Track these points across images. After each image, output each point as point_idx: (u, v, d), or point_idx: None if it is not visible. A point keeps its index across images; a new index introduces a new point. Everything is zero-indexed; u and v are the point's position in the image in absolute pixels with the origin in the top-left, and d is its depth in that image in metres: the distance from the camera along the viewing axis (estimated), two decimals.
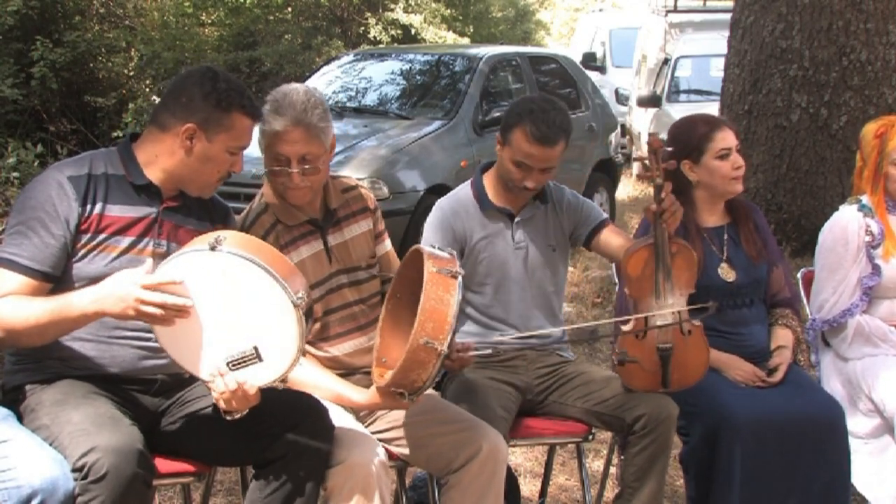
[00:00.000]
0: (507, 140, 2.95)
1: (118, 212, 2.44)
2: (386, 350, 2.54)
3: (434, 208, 3.11)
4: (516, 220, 3.07)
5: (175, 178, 2.48)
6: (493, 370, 3.01)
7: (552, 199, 3.12)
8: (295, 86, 2.67)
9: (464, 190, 3.13)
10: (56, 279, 2.37)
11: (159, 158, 2.47)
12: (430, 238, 3.02)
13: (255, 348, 2.24)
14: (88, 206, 2.41)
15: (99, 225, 2.41)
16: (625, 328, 2.85)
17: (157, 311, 2.15)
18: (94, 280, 2.29)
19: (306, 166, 2.59)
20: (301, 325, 2.20)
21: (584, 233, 3.12)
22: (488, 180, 3.11)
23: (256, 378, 2.26)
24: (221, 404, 2.28)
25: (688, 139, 3.09)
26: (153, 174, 2.48)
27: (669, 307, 2.79)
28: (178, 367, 2.32)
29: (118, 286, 2.18)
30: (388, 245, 2.93)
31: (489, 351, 3.04)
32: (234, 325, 2.22)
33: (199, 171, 2.47)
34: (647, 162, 2.83)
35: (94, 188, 2.43)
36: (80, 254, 2.39)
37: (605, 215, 3.17)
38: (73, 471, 2.14)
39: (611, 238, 3.05)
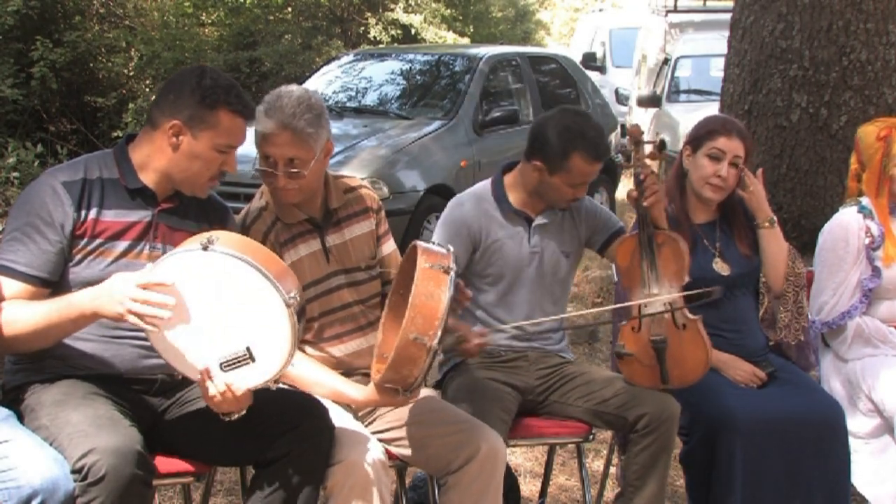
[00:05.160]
0: (562, 167, 2.91)
1: (113, 216, 2.44)
2: (387, 346, 2.54)
3: (450, 204, 3.09)
4: (534, 224, 3.06)
5: (167, 177, 2.48)
6: (493, 371, 3.01)
7: (570, 206, 3.11)
8: (292, 88, 2.66)
9: (483, 188, 3.11)
10: (53, 284, 2.37)
11: (152, 158, 2.47)
12: (443, 234, 3.00)
13: (248, 349, 2.23)
14: (83, 212, 2.41)
15: (94, 230, 2.41)
16: (622, 322, 2.87)
17: (146, 309, 2.14)
18: (91, 284, 2.30)
19: (292, 170, 2.59)
20: (293, 324, 2.20)
21: (600, 240, 3.13)
22: (510, 183, 3.08)
23: (249, 378, 2.25)
24: (213, 407, 2.28)
25: (699, 128, 3.15)
26: (147, 176, 2.48)
27: (656, 297, 2.81)
28: (172, 369, 2.31)
29: (112, 285, 2.19)
30: (391, 246, 2.92)
31: (504, 340, 3.04)
32: (226, 325, 2.22)
33: (186, 170, 2.46)
34: (629, 152, 2.88)
35: (89, 193, 2.43)
36: (76, 259, 2.40)
37: (621, 223, 3.18)
38: (72, 472, 2.14)
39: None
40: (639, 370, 2.87)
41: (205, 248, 2.17)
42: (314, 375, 2.63)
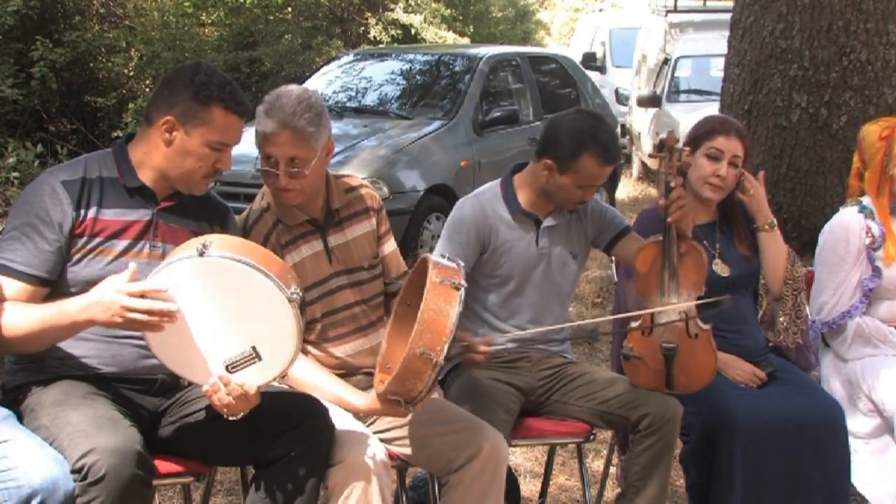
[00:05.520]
0: (571, 168, 2.90)
1: (112, 215, 2.44)
2: (391, 356, 2.53)
3: (459, 205, 3.08)
4: (543, 226, 3.06)
5: (163, 175, 2.48)
6: (496, 371, 3.01)
7: (577, 207, 3.11)
8: (291, 88, 2.65)
9: (492, 190, 3.10)
10: (52, 283, 2.37)
11: (148, 156, 2.47)
12: (451, 235, 2.99)
13: (254, 348, 2.24)
14: (82, 211, 2.41)
15: (93, 229, 2.41)
16: (633, 324, 2.86)
17: (144, 318, 2.14)
18: (90, 284, 2.30)
19: (293, 169, 2.59)
20: (298, 320, 2.20)
21: (606, 239, 3.12)
22: (519, 184, 3.07)
23: (257, 377, 2.25)
24: (224, 411, 2.28)
25: (697, 128, 3.15)
26: (145, 174, 2.48)
27: (674, 306, 2.80)
28: (176, 374, 2.31)
29: (103, 294, 2.18)
30: (391, 245, 2.92)
31: (511, 345, 3.03)
32: (229, 327, 2.22)
33: (179, 166, 2.44)
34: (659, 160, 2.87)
35: (89, 192, 2.43)
36: (75, 258, 2.39)
37: (628, 222, 3.17)
38: (72, 472, 2.14)
39: (632, 245, 3.03)
40: (644, 373, 2.87)
41: (201, 254, 2.16)
42: (316, 380, 2.63)
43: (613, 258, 3.34)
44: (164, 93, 2.46)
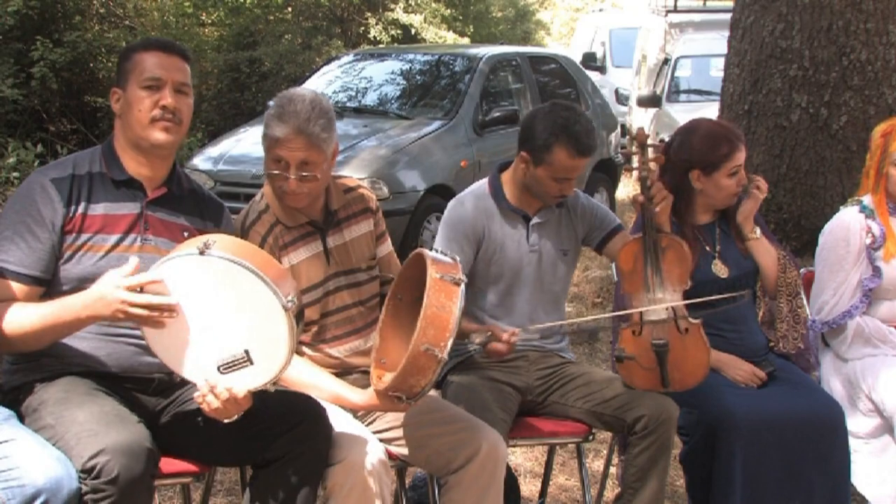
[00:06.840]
0: (545, 160, 2.91)
1: (102, 210, 2.45)
2: (385, 351, 2.54)
3: (451, 205, 3.09)
4: (532, 222, 3.07)
5: (135, 148, 2.49)
6: (493, 370, 3.01)
7: (567, 204, 3.11)
8: (303, 93, 2.66)
9: (480, 188, 3.11)
10: (47, 283, 2.37)
11: (119, 140, 2.52)
12: (447, 235, 3.00)
13: (247, 352, 2.23)
14: (73, 207, 2.41)
15: (83, 225, 2.42)
16: (622, 324, 2.86)
17: (144, 312, 2.15)
18: (83, 281, 2.30)
19: (304, 173, 2.59)
20: (292, 328, 2.20)
21: (597, 237, 3.13)
22: (506, 180, 3.09)
23: (247, 381, 2.25)
24: (214, 415, 2.28)
25: (707, 155, 3.05)
26: (128, 162, 2.50)
27: (660, 301, 2.80)
28: (170, 370, 2.32)
29: (102, 289, 2.18)
30: (388, 246, 2.92)
31: (535, 336, 3.06)
32: (224, 328, 2.22)
33: (130, 124, 2.47)
34: (631, 154, 2.88)
35: (78, 189, 2.44)
36: (66, 255, 2.40)
37: (618, 221, 3.17)
38: (82, 472, 2.13)
39: (623, 244, 3.04)
40: (639, 373, 2.87)
41: (202, 253, 2.16)
42: (313, 379, 2.63)
43: None
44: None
